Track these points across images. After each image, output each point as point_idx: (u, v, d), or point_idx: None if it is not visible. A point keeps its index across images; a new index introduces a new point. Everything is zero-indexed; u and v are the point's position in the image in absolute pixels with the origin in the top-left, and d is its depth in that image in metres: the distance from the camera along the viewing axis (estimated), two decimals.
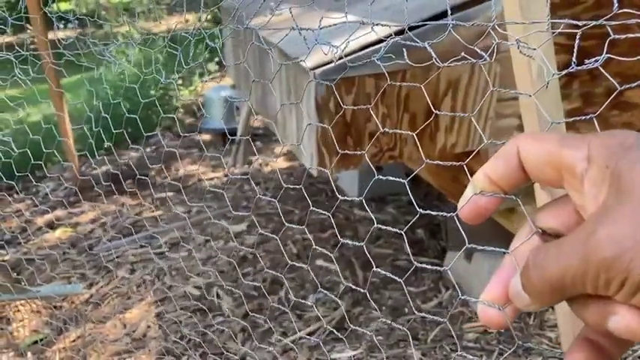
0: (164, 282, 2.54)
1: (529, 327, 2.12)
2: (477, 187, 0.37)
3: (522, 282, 0.34)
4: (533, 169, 0.35)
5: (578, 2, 1.48)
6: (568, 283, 0.31)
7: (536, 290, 0.33)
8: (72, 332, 2.26)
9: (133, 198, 3.44)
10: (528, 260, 0.34)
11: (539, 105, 0.54)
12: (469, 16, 1.43)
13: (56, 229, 3.15)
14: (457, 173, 1.83)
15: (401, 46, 1.27)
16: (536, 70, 0.83)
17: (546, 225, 0.36)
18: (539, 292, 0.33)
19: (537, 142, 0.34)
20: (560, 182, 0.34)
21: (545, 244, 0.33)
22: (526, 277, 0.34)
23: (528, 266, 0.33)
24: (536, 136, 0.35)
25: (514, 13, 0.84)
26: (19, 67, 1.88)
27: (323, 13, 1.86)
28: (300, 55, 1.49)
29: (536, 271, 0.32)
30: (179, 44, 1.52)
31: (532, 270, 0.33)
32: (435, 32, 1.33)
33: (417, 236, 2.74)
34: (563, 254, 0.31)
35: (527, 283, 0.34)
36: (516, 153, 0.35)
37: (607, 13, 0.60)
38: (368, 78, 1.41)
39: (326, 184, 3.38)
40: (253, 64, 2.15)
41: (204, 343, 2.08)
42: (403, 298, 2.33)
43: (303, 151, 1.60)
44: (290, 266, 2.46)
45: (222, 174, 3.76)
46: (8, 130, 2.63)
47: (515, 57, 0.84)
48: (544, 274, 0.32)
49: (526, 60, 0.83)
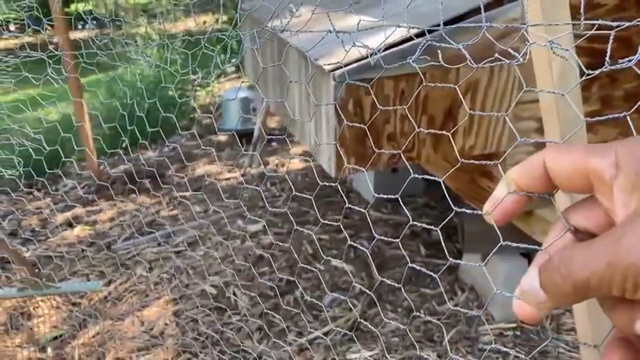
0: (181, 280, 2.57)
1: (545, 330, 2.11)
2: (511, 185, 0.38)
3: (542, 279, 0.34)
4: (561, 179, 0.36)
5: (600, 5, 1.47)
6: (593, 285, 0.31)
7: (558, 289, 0.33)
8: (91, 329, 2.30)
9: (151, 197, 3.48)
10: (552, 258, 0.34)
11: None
12: (488, 18, 1.43)
13: (75, 227, 3.19)
14: (475, 175, 1.83)
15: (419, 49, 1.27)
16: (558, 72, 0.83)
17: (578, 224, 0.36)
18: (560, 292, 0.33)
19: (563, 154, 0.35)
20: (590, 189, 0.35)
21: (573, 245, 0.34)
22: (547, 275, 0.34)
23: (552, 264, 0.34)
24: (561, 148, 0.36)
25: (537, 16, 0.84)
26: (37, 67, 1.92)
27: (342, 15, 1.88)
28: (319, 57, 1.50)
29: (563, 270, 0.33)
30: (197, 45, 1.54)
31: (557, 269, 0.33)
32: (456, 35, 1.34)
33: (433, 238, 2.74)
34: (591, 256, 0.31)
35: (549, 281, 0.34)
36: (542, 164, 0.36)
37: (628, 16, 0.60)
38: (387, 80, 1.42)
39: (342, 185, 3.39)
40: (272, 65, 2.17)
41: (221, 341, 2.10)
42: (419, 300, 2.33)
43: (322, 152, 1.62)
44: (305, 267, 2.47)
45: (238, 174, 3.78)
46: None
47: (536, 59, 0.84)
48: (571, 274, 0.32)
49: (547, 62, 0.84)
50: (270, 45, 2.14)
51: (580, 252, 0.32)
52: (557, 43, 0.53)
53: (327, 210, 3.09)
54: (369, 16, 1.72)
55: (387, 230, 2.85)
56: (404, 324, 2.19)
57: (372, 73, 1.39)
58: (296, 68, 1.76)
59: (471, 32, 1.33)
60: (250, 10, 2.69)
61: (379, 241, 2.69)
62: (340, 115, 1.44)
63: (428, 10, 1.55)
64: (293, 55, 1.77)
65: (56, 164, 3.64)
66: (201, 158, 4.16)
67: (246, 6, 2.85)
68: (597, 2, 1.48)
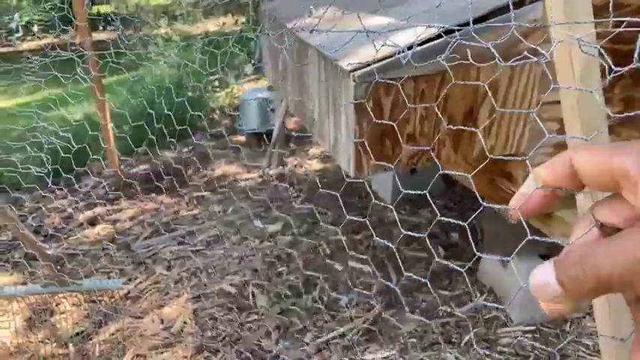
0: (200, 279, 2.59)
1: (565, 334, 2.10)
2: (539, 181, 0.38)
3: (559, 273, 0.34)
4: (588, 177, 0.36)
5: (622, 5, 1.46)
6: (615, 281, 0.31)
7: (579, 284, 0.33)
8: (111, 326, 2.33)
9: (171, 196, 3.52)
10: (570, 253, 0.34)
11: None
12: (509, 18, 1.43)
13: (97, 226, 3.24)
14: (494, 176, 1.82)
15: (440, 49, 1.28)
16: (580, 72, 0.83)
17: (605, 219, 0.37)
18: (580, 286, 0.33)
19: (589, 153, 0.36)
20: (616, 187, 0.35)
21: (597, 241, 0.34)
22: (565, 269, 0.34)
23: (572, 259, 0.34)
24: (587, 147, 0.36)
25: (556, 16, 0.84)
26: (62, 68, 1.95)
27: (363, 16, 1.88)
28: (339, 57, 1.51)
29: (586, 264, 0.33)
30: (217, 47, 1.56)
31: (578, 263, 0.33)
32: (478, 34, 1.33)
33: (452, 239, 2.73)
34: (617, 250, 0.31)
35: (568, 275, 0.34)
36: (570, 164, 0.36)
37: None
38: (407, 79, 1.42)
39: (360, 186, 3.39)
40: (291, 66, 2.18)
41: (239, 340, 2.12)
42: (436, 302, 2.32)
43: (341, 152, 1.62)
44: (324, 266, 2.48)
45: (257, 174, 3.80)
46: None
47: (558, 58, 0.84)
48: (594, 269, 0.32)
49: (569, 62, 0.83)
50: (289, 45, 2.16)
51: (605, 246, 0.32)
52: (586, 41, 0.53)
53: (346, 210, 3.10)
54: (390, 16, 1.72)
55: (405, 231, 2.84)
56: (422, 325, 2.18)
57: (392, 73, 1.40)
58: (315, 69, 1.77)
59: (493, 32, 1.33)
60: (269, 12, 2.71)
61: (398, 242, 2.69)
62: (360, 115, 1.45)
63: (450, 9, 1.55)
64: (312, 55, 1.78)
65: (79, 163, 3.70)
66: (220, 158, 4.19)
67: (265, 7, 2.87)
68: (621, 2, 1.47)
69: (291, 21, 2.21)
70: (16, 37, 9.38)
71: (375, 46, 0.95)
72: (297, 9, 2.41)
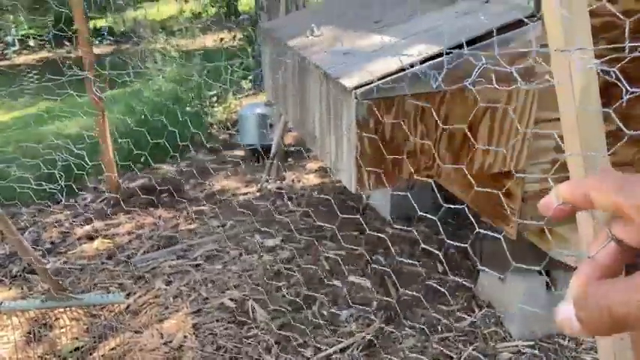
0: (200, 293, 2.59)
1: (564, 349, 2.11)
2: (560, 199, 0.40)
3: (578, 312, 0.35)
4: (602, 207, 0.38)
5: (617, 26, 1.50)
6: (632, 321, 0.32)
7: (595, 323, 0.34)
8: (111, 340, 2.33)
9: (169, 211, 3.53)
10: (588, 293, 0.35)
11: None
12: (508, 39, 1.46)
13: (94, 240, 3.24)
14: (493, 193, 1.84)
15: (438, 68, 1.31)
16: (579, 92, 0.86)
17: (618, 235, 0.38)
18: (598, 325, 0.34)
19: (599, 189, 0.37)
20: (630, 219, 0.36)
21: (609, 280, 0.35)
22: (582, 308, 0.35)
23: (589, 299, 0.35)
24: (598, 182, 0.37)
25: (556, 37, 0.87)
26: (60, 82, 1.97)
27: (363, 34, 1.92)
28: (340, 75, 1.53)
29: (600, 305, 0.34)
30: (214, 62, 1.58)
31: (594, 304, 0.34)
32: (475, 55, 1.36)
33: (449, 255, 2.74)
34: (631, 292, 0.32)
35: (585, 315, 0.35)
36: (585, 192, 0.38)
37: None
38: (407, 98, 1.45)
39: (358, 201, 3.41)
40: (292, 83, 2.21)
41: (239, 355, 2.12)
42: (436, 317, 2.33)
43: (342, 168, 1.64)
44: (323, 282, 2.49)
45: (255, 189, 3.82)
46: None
47: (558, 79, 0.87)
48: (609, 310, 0.33)
49: (569, 82, 0.86)
50: (290, 63, 2.19)
51: (619, 287, 0.33)
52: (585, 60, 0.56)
53: (344, 226, 3.11)
54: (389, 35, 1.76)
55: (404, 247, 2.86)
56: (421, 341, 2.19)
57: (393, 91, 1.42)
58: (317, 86, 1.79)
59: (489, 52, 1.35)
60: (269, 30, 2.74)
61: (396, 257, 2.70)
62: (361, 132, 1.47)
63: (448, 30, 1.58)
64: (313, 72, 1.81)
65: (77, 177, 3.70)
66: (218, 173, 4.21)
67: (265, 24, 2.91)
68: (615, 24, 1.50)
69: (291, 39, 2.24)
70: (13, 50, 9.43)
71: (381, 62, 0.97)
72: (297, 27, 2.45)
